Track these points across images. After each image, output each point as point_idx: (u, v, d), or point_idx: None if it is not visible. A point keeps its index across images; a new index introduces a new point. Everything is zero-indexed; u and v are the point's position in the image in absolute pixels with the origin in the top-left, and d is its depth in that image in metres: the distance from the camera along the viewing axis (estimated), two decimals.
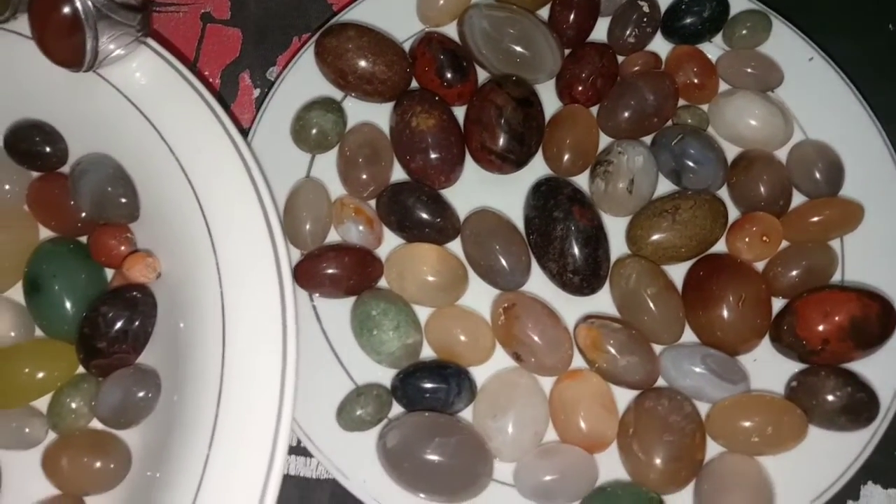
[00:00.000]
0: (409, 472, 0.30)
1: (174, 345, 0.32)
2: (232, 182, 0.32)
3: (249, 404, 0.29)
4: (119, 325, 0.32)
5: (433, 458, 0.30)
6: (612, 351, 0.33)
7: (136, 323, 0.32)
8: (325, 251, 0.34)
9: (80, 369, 0.33)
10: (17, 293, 0.35)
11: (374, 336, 0.33)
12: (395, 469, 0.30)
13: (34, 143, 0.35)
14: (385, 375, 0.34)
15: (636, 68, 0.40)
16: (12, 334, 0.34)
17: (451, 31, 0.40)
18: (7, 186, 0.36)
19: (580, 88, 0.39)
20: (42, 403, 0.33)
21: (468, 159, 0.38)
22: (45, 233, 0.36)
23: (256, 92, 0.41)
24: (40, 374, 0.32)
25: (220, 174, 0.32)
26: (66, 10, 0.31)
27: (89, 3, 0.31)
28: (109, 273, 0.35)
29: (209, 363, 0.30)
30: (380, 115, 0.39)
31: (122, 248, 0.34)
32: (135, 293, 0.33)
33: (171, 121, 0.33)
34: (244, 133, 0.36)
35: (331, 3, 0.44)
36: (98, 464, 0.31)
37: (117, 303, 0.32)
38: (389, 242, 0.37)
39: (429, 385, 0.32)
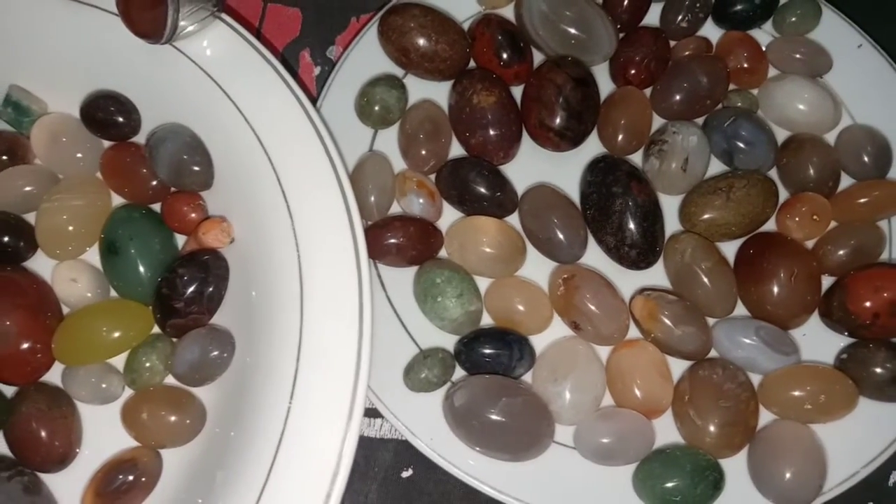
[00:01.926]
0: (476, 430, 0.32)
1: (246, 308, 0.34)
2: (306, 150, 0.34)
3: (328, 368, 0.30)
4: (195, 286, 0.34)
5: (499, 417, 0.32)
6: (668, 322, 0.35)
7: (211, 286, 0.34)
8: (391, 221, 0.36)
9: (155, 329, 0.35)
10: (90, 257, 0.37)
11: (438, 303, 0.35)
12: (462, 427, 0.32)
13: (109, 114, 0.37)
14: (445, 341, 0.36)
15: (687, 52, 0.42)
16: (88, 295, 0.35)
17: (506, 13, 0.42)
18: (80, 155, 0.38)
19: (634, 71, 0.41)
20: (118, 361, 0.35)
21: (524, 137, 0.40)
22: (116, 200, 0.38)
23: (317, 70, 0.43)
24: (117, 333, 0.34)
25: (295, 142, 0.34)
26: None
27: None
28: (179, 239, 0.36)
29: (286, 327, 0.31)
30: (436, 93, 0.41)
31: (194, 214, 0.36)
32: (210, 257, 0.34)
33: (246, 91, 0.35)
34: None
35: None
36: (175, 418, 0.33)
37: (194, 266, 0.34)
38: (447, 215, 0.39)
39: (492, 350, 0.34)
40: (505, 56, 0.40)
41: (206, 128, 0.36)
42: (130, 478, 0.32)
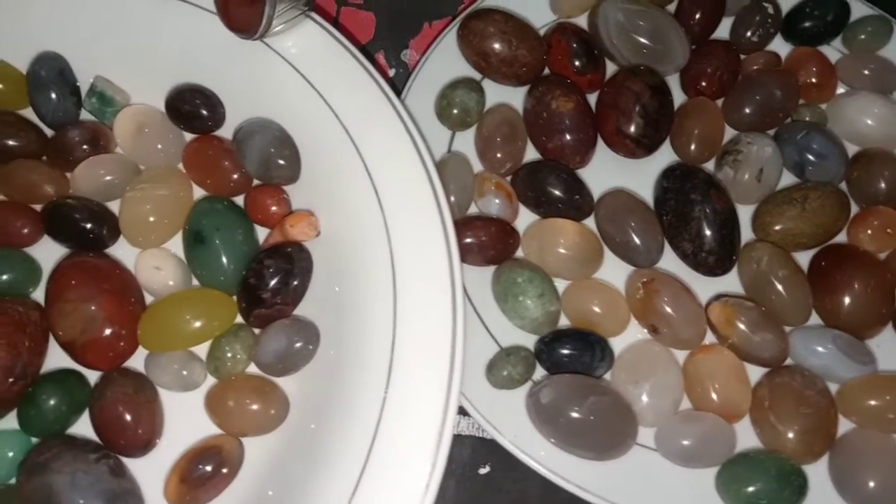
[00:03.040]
0: (562, 427, 0.32)
1: (328, 301, 0.35)
2: (395, 145, 0.35)
3: (423, 363, 0.31)
4: (281, 277, 0.34)
5: (586, 415, 0.32)
6: (746, 328, 0.35)
7: (297, 278, 0.35)
8: (472, 220, 0.37)
9: (238, 319, 0.35)
10: (171, 246, 0.37)
11: (519, 302, 0.35)
12: (548, 424, 0.33)
13: (195, 106, 0.38)
14: (522, 339, 0.36)
15: (756, 66, 0.43)
16: (170, 283, 0.36)
17: (580, 22, 0.43)
18: (161, 146, 0.39)
19: (705, 83, 0.42)
20: (200, 349, 0.35)
21: (598, 142, 0.40)
22: (196, 192, 0.38)
23: (391, 72, 0.44)
24: (202, 322, 0.34)
25: (384, 137, 0.35)
26: None
27: None
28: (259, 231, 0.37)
29: (379, 321, 0.32)
30: (508, 97, 0.42)
31: (278, 208, 0.37)
32: (294, 249, 0.35)
33: (335, 87, 0.36)
34: None
35: None
36: (259, 407, 0.33)
37: (280, 257, 0.35)
38: (521, 218, 0.39)
39: (573, 350, 0.35)
40: (580, 63, 0.41)
41: (292, 122, 0.37)
42: (214, 466, 0.32)
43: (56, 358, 0.34)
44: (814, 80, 0.42)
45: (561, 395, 0.33)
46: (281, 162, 0.36)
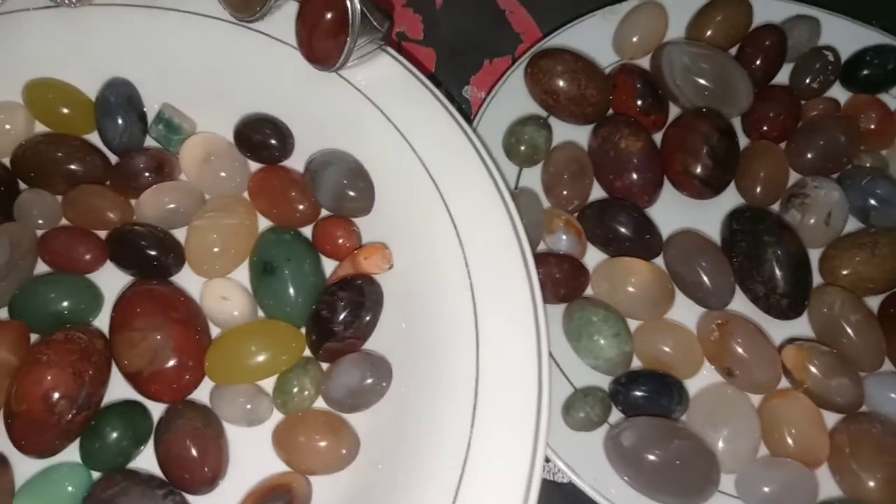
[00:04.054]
0: (645, 471, 0.32)
1: (398, 337, 0.34)
2: (474, 178, 0.35)
3: (509, 408, 0.30)
4: (353, 310, 0.34)
5: (671, 459, 0.32)
6: (820, 372, 0.35)
7: (369, 312, 0.34)
8: (545, 257, 0.37)
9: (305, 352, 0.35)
10: (235, 276, 0.37)
11: (593, 341, 0.35)
12: (629, 467, 0.32)
13: (265, 136, 0.38)
14: (594, 380, 0.36)
15: (816, 112, 0.43)
16: (236, 313, 0.36)
17: (642, 63, 0.44)
18: (226, 174, 0.39)
19: (767, 127, 0.42)
20: (265, 383, 0.35)
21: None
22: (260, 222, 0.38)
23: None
24: (271, 354, 0.34)
25: (462, 170, 0.35)
26: (339, 12, 0.34)
27: (358, 8, 0.34)
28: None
29: (457, 358, 0.31)
30: (570, 135, 0.42)
31: (348, 240, 0.37)
32: (365, 282, 0.35)
33: (410, 119, 0.37)
34: None
35: (518, 32, 0.47)
36: (329, 444, 0.33)
37: (352, 289, 0.34)
38: (588, 256, 0.39)
39: (650, 392, 0.34)
40: (645, 104, 0.42)
41: (364, 154, 0.37)
42: None
43: (113, 389, 0.34)
44: (873, 126, 0.43)
45: (643, 437, 0.32)
46: (355, 194, 0.36)
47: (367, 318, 0.34)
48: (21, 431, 0.31)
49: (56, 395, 0.31)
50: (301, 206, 0.38)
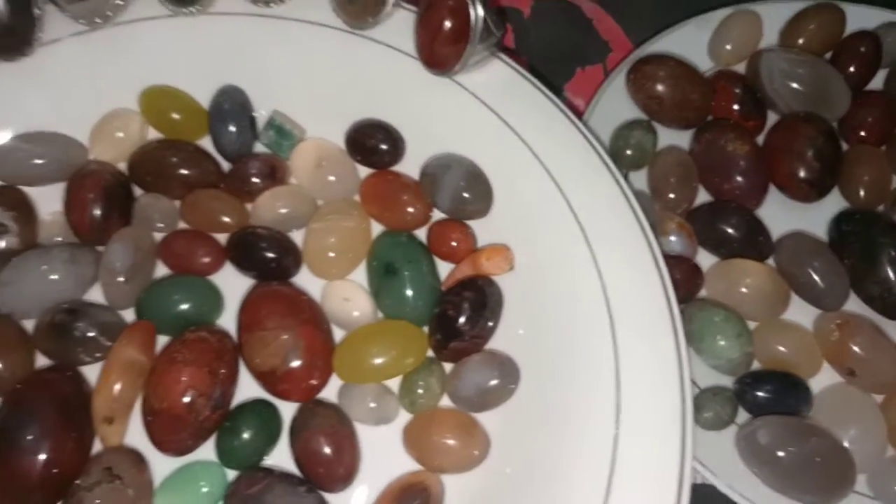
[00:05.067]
0: (783, 468, 0.32)
1: (518, 338, 0.35)
2: (596, 178, 0.35)
3: (653, 416, 0.30)
4: (478, 311, 0.35)
5: (809, 457, 0.32)
6: None
7: (491, 312, 0.35)
8: (666, 258, 0.37)
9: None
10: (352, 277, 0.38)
11: (716, 342, 0.35)
12: (765, 465, 0.32)
13: (378, 141, 0.39)
14: (714, 380, 0.36)
15: None
16: (356, 314, 0.36)
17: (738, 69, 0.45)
18: (335, 179, 0.39)
19: (865, 132, 0.43)
20: (391, 382, 0.35)
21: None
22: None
23: None
24: (398, 354, 0.34)
25: (582, 171, 0.36)
26: (461, 19, 0.36)
27: (481, 15, 0.35)
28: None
29: (594, 358, 0.32)
30: (666, 140, 0.43)
31: (464, 242, 0.37)
32: (485, 282, 0.35)
33: (528, 122, 0.37)
34: None
35: (606, 41, 0.48)
36: (460, 443, 0.33)
37: (476, 290, 0.35)
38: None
39: (776, 391, 0.34)
40: (745, 109, 0.42)
41: (484, 158, 0.38)
42: (420, 503, 0.32)
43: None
44: None
45: (779, 435, 0.32)
46: (474, 197, 0.37)
47: (490, 318, 0.35)
48: (161, 429, 0.32)
49: (194, 394, 0.32)
50: (413, 210, 0.38)
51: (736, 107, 0.43)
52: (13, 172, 0.38)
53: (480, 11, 0.35)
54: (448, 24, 0.36)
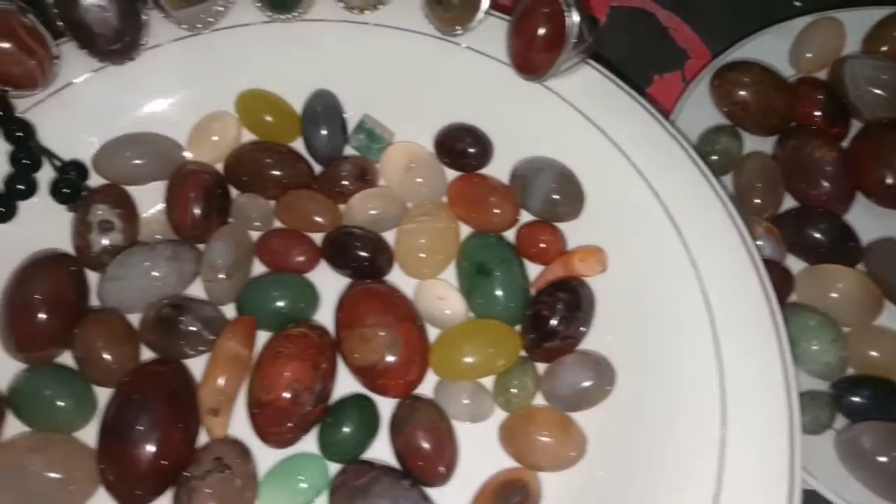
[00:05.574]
0: (887, 473, 0.32)
1: (612, 340, 0.35)
2: (691, 180, 0.36)
3: (759, 425, 0.30)
4: (571, 311, 0.35)
5: None
6: None
7: (584, 313, 0.36)
8: None
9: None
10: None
11: (811, 346, 0.36)
12: (868, 470, 0.33)
13: (467, 144, 0.40)
14: (807, 384, 0.36)
15: None
16: (448, 312, 0.37)
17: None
18: (422, 181, 0.40)
19: None
20: (485, 380, 0.36)
21: None
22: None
23: None
24: (493, 353, 0.35)
25: (678, 174, 0.36)
26: (556, 26, 0.36)
27: (577, 21, 0.36)
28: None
29: (697, 369, 0.32)
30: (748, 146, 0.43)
31: (552, 244, 0.38)
32: (577, 284, 0.36)
33: (617, 125, 0.38)
34: None
35: (684, 48, 0.49)
36: (558, 441, 0.34)
37: (570, 291, 0.36)
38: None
39: (875, 397, 0.34)
40: (828, 115, 0.43)
41: (574, 160, 0.38)
42: (521, 499, 0.32)
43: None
44: None
45: (883, 440, 0.32)
46: (566, 199, 0.38)
47: (584, 319, 0.36)
48: (267, 421, 0.33)
49: (298, 387, 0.33)
50: (501, 212, 0.39)
51: (818, 113, 0.43)
52: (117, 172, 0.39)
53: (576, 17, 0.36)
54: (543, 30, 0.37)
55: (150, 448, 0.32)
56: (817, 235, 0.39)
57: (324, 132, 0.40)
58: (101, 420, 0.33)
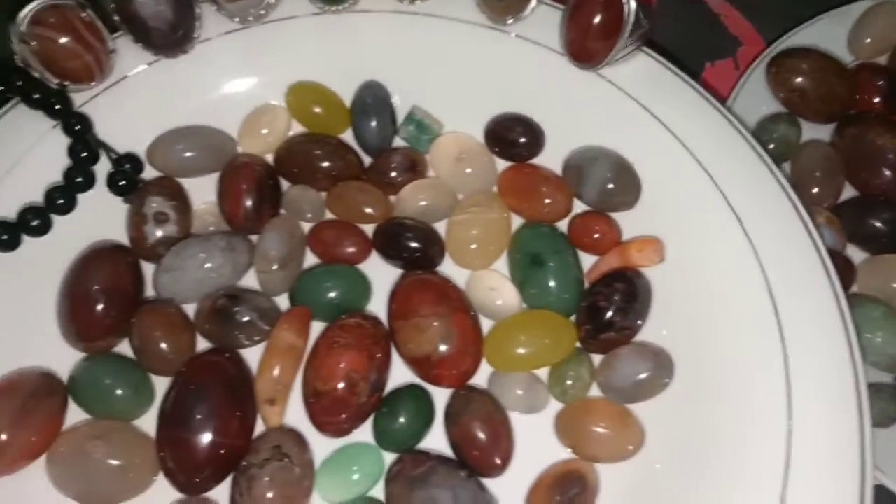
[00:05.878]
0: None
1: (669, 332, 0.35)
2: (752, 171, 0.35)
3: (827, 425, 0.30)
4: (628, 303, 0.35)
5: None
6: None
7: (642, 304, 0.35)
8: None
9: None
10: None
11: (875, 338, 0.35)
12: None
13: (518, 134, 0.40)
14: (871, 377, 0.35)
15: None
16: (499, 303, 0.37)
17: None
18: (472, 171, 0.40)
19: None
20: (540, 371, 0.36)
21: None
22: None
23: None
24: (549, 344, 0.35)
25: (739, 163, 0.36)
26: (613, 14, 0.36)
27: (634, 8, 0.36)
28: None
29: (762, 361, 0.32)
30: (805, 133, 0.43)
31: (606, 234, 0.38)
32: (634, 274, 0.35)
33: (674, 113, 0.37)
34: None
35: (736, 36, 0.48)
36: (616, 433, 0.33)
37: (627, 281, 0.35)
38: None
39: None
40: (890, 102, 0.42)
41: (630, 149, 0.38)
42: (579, 491, 0.32)
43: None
44: None
45: None
46: (623, 189, 0.37)
47: (641, 310, 0.35)
48: (324, 410, 0.33)
49: (355, 377, 0.33)
50: (553, 202, 0.39)
51: (878, 100, 0.42)
52: (171, 164, 0.40)
53: (633, 4, 0.36)
54: (599, 18, 0.37)
55: (209, 436, 0.32)
56: (879, 225, 0.38)
57: (373, 123, 0.40)
58: (160, 409, 0.34)
